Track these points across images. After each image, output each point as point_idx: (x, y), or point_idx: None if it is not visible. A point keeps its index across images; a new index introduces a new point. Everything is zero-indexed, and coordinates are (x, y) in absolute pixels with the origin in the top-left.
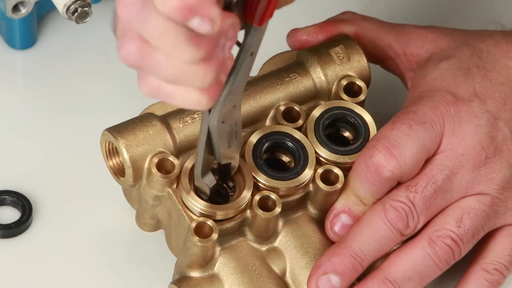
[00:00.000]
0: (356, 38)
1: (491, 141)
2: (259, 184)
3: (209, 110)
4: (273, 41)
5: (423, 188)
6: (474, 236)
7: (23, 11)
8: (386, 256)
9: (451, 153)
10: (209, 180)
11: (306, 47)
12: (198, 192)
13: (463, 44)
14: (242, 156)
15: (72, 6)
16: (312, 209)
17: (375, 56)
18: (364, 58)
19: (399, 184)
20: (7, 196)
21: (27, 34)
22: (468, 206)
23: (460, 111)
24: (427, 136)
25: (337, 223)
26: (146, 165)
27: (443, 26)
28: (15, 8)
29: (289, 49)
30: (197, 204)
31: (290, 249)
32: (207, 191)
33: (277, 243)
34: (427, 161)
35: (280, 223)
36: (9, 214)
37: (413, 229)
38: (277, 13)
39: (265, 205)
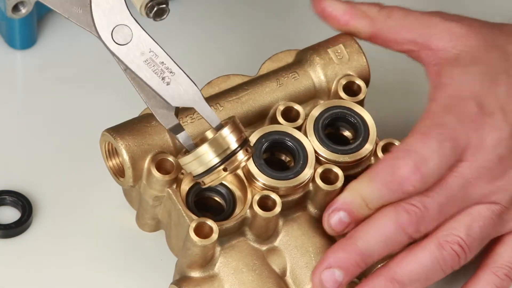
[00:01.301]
0: (373, 37)
1: (510, 154)
2: (259, 183)
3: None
4: (273, 41)
5: (439, 194)
6: (480, 243)
7: (23, 11)
8: (390, 256)
9: (471, 164)
10: (183, 138)
11: (325, 19)
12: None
13: (492, 45)
14: None
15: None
16: (312, 209)
17: (398, 50)
18: (364, 57)
19: None
20: (7, 196)
21: (27, 34)
22: (478, 214)
23: (484, 124)
24: (453, 153)
25: (334, 217)
26: (145, 165)
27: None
28: (15, 8)
29: (288, 48)
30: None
31: (291, 248)
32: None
33: (277, 242)
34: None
35: (280, 223)
36: (9, 214)
37: (423, 233)
38: (276, 13)
39: (265, 204)
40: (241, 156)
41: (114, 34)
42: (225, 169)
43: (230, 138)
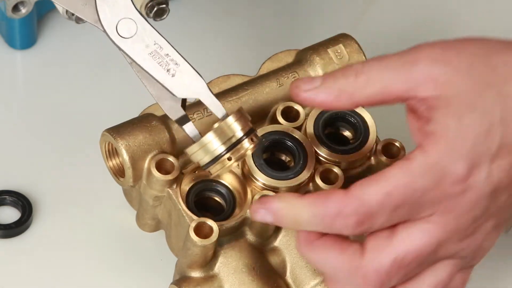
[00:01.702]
0: (359, 106)
1: (483, 213)
2: (259, 183)
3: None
4: (273, 41)
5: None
6: None
7: (23, 11)
8: None
9: (441, 226)
10: (189, 128)
11: (308, 105)
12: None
13: (486, 88)
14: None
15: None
16: None
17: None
18: (364, 57)
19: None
20: (7, 196)
21: (27, 34)
22: (443, 271)
23: (466, 193)
24: (407, 217)
25: (261, 214)
26: (145, 165)
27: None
28: (15, 8)
29: (288, 48)
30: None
31: (291, 248)
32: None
33: (277, 242)
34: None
35: None
36: (9, 214)
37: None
38: (277, 13)
39: None
40: (246, 144)
41: (119, 27)
42: (229, 158)
43: (235, 126)
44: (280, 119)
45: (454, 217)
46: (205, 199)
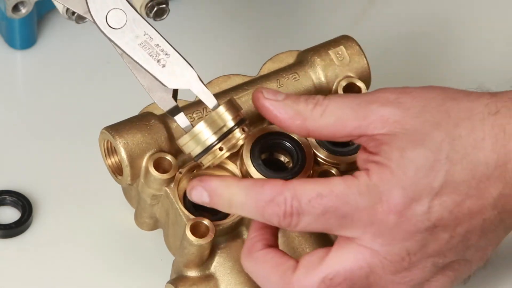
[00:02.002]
0: (310, 135)
1: (419, 250)
2: None
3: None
4: (274, 41)
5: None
6: None
7: (23, 11)
8: None
9: (373, 252)
10: (181, 119)
11: (264, 115)
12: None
13: (435, 127)
14: (240, 156)
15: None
16: None
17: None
18: (365, 58)
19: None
20: (7, 196)
21: (27, 34)
22: None
23: (400, 223)
24: (336, 228)
25: (197, 191)
26: (143, 164)
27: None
28: (15, 8)
29: (289, 49)
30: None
31: (287, 249)
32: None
33: None
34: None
35: None
36: (9, 214)
37: None
38: (277, 13)
39: None
40: (238, 134)
41: (108, 18)
42: (221, 149)
43: (226, 115)
44: None
45: (384, 244)
46: None
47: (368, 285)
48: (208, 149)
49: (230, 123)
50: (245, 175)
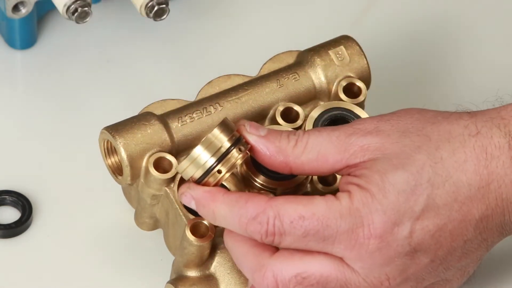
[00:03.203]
0: (293, 171)
1: (399, 274)
2: (257, 184)
3: None
4: (273, 41)
5: None
6: None
7: (23, 11)
8: None
9: (353, 271)
10: None
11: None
12: None
13: (416, 151)
14: None
15: (72, 6)
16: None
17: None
18: (365, 59)
19: None
20: (7, 196)
21: (27, 34)
22: None
23: (381, 248)
24: (318, 249)
25: (186, 198)
26: (144, 164)
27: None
28: (15, 8)
29: (289, 49)
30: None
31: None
32: None
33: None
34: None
35: None
36: (9, 214)
37: None
38: (277, 13)
39: None
40: (235, 154)
41: None
42: (219, 171)
43: (221, 137)
44: (279, 120)
45: (365, 268)
46: None
47: None
48: (209, 171)
49: (227, 143)
50: (245, 175)
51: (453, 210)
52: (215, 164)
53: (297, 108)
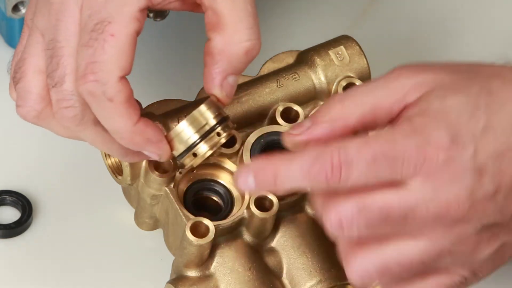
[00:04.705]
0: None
1: (468, 198)
2: None
3: None
4: (273, 41)
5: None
6: None
7: (23, 11)
8: None
9: (416, 191)
10: None
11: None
12: None
13: (469, 82)
14: (240, 156)
15: None
16: (310, 210)
17: None
18: (365, 59)
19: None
20: (7, 196)
21: None
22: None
23: (449, 162)
24: (387, 175)
25: (242, 177)
26: (143, 164)
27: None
28: (15, 8)
29: (289, 49)
30: None
31: (287, 249)
32: None
33: (274, 243)
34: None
35: (278, 223)
36: (9, 214)
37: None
38: (277, 13)
39: (262, 205)
40: (220, 132)
41: None
42: (201, 148)
43: (208, 114)
44: (279, 119)
45: (434, 186)
46: (203, 199)
47: (407, 231)
48: (190, 148)
49: (212, 121)
50: None
51: (511, 136)
52: (198, 141)
53: (297, 108)
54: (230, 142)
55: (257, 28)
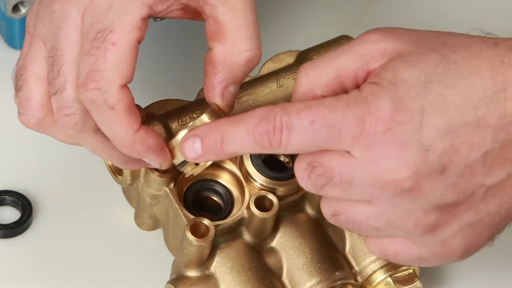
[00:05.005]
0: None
1: (409, 171)
2: (257, 184)
3: None
4: (273, 41)
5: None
6: None
7: (23, 11)
8: None
9: (360, 164)
10: None
11: None
12: None
13: (430, 51)
14: (240, 156)
15: None
16: (310, 210)
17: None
18: None
19: None
20: (7, 196)
21: None
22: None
23: (387, 132)
24: (326, 142)
25: (188, 142)
26: None
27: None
28: (15, 8)
29: (289, 49)
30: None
31: (287, 249)
32: None
33: (274, 243)
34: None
35: (278, 223)
36: (9, 214)
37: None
38: (278, 13)
39: (262, 205)
40: None
41: None
42: None
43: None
44: None
45: (372, 159)
46: (203, 199)
47: (348, 190)
48: None
49: None
50: (245, 174)
51: (466, 113)
52: None
53: None
54: None
55: (257, 37)
